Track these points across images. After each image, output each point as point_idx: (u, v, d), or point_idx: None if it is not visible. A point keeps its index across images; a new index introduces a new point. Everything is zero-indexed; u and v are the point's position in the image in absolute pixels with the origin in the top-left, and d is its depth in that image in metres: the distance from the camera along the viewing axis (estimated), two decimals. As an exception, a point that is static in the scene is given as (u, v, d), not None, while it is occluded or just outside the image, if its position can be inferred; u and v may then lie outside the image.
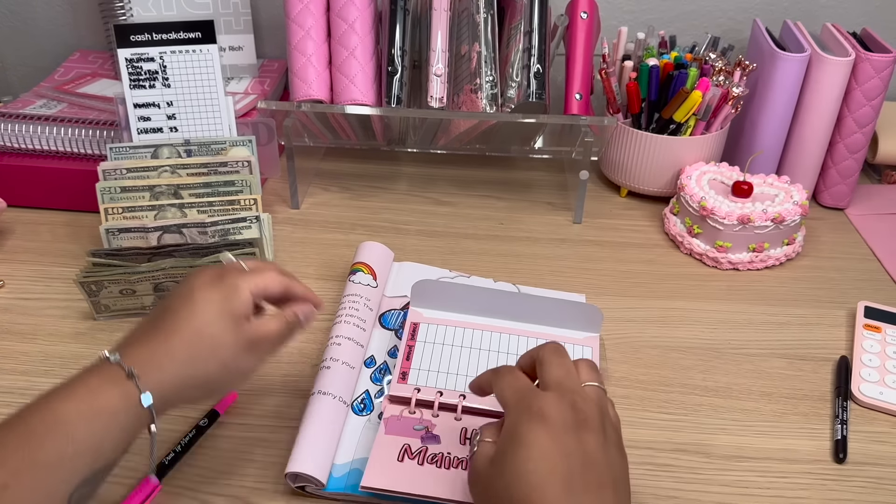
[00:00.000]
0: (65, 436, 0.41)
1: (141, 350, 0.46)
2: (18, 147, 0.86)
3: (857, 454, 0.60)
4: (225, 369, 0.48)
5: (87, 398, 0.43)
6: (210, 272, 0.50)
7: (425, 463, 0.55)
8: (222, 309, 0.48)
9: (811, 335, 0.73)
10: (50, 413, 0.42)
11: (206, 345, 0.47)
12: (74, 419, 0.42)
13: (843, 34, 0.88)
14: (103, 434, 0.42)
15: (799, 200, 0.81)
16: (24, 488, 0.39)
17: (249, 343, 0.49)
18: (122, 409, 0.43)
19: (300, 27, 0.83)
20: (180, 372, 0.46)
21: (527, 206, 0.92)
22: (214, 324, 0.47)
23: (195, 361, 0.46)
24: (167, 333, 0.46)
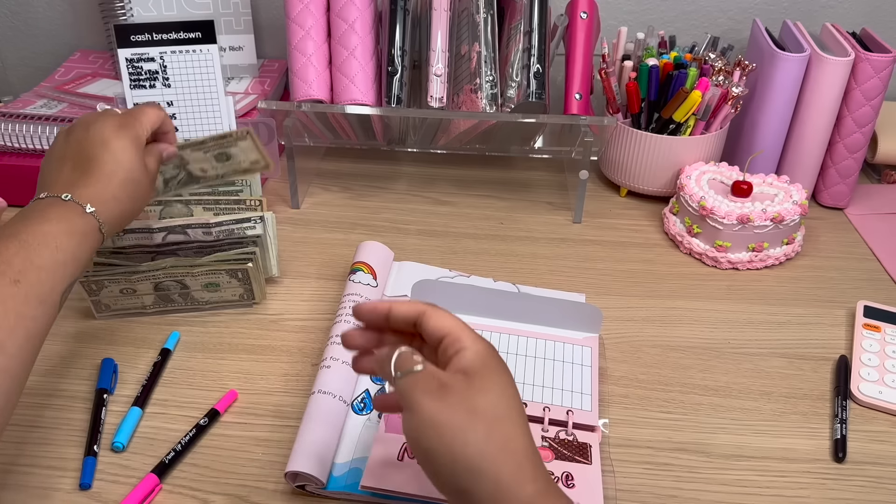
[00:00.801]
0: (55, 247, 0.51)
1: (88, 192, 0.55)
2: (19, 147, 0.86)
3: (857, 453, 0.60)
4: (145, 199, 0.61)
5: (63, 222, 0.53)
6: (110, 120, 0.59)
7: None
8: (136, 154, 0.59)
9: (811, 335, 0.73)
10: (38, 231, 0.51)
11: (136, 185, 0.58)
12: (59, 235, 0.52)
13: (842, 34, 0.88)
14: (81, 249, 0.53)
15: (798, 200, 0.81)
16: (32, 283, 0.49)
17: (152, 176, 0.61)
18: (89, 231, 0.54)
19: (300, 27, 0.83)
20: (122, 208, 0.57)
21: (527, 206, 0.92)
22: (137, 169, 0.58)
23: (131, 200, 0.58)
24: (106, 180, 0.56)
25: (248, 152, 0.66)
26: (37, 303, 0.49)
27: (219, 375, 0.66)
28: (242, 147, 0.66)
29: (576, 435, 0.59)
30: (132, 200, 0.59)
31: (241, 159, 0.67)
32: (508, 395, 0.44)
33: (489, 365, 0.44)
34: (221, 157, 0.67)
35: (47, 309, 0.50)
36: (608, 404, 0.64)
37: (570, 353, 0.66)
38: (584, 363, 0.65)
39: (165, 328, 0.70)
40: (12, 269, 0.48)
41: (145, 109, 0.62)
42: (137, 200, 0.59)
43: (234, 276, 0.70)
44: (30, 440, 0.59)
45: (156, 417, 0.62)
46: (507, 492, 0.40)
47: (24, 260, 0.49)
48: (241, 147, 0.66)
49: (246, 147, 0.66)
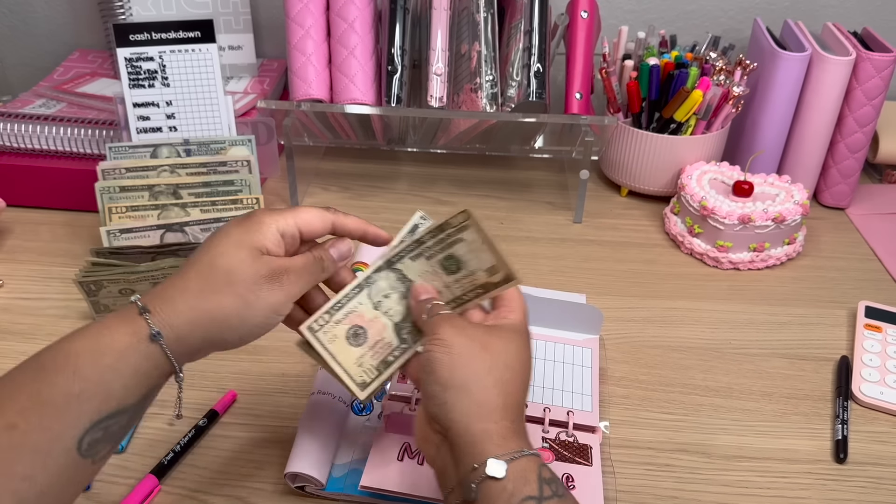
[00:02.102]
0: (73, 373, 0.40)
1: (157, 289, 0.44)
2: (18, 147, 0.86)
3: (858, 454, 0.60)
4: (242, 301, 0.44)
5: (96, 335, 0.41)
6: (243, 214, 0.47)
7: (425, 462, 0.55)
8: (240, 240, 0.45)
9: (812, 335, 0.73)
10: (61, 351, 0.41)
11: (219, 275, 0.44)
12: (82, 355, 0.40)
13: (843, 33, 0.88)
14: (111, 373, 0.41)
15: (800, 200, 0.81)
16: (32, 428, 0.38)
17: (270, 273, 0.45)
18: (130, 346, 0.41)
19: (300, 26, 0.83)
20: (192, 304, 0.43)
21: (527, 206, 0.92)
22: (229, 254, 0.44)
23: (207, 293, 0.43)
24: (183, 269, 0.45)
25: (477, 252, 0.48)
26: (33, 456, 0.37)
27: (218, 376, 0.66)
28: (469, 242, 0.48)
29: (576, 436, 0.59)
30: (206, 294, 0.43)
31: (473, 266, 0.48)
32: (524, 359, 0.47)
33: (520, 331, 0.48)
34: (450, 266, 0.49)
35: (52, 462, 0.38)
36: (609, 405, 0.64)
37: (570, 354, 0.66)
38: (584, 364, 0.65)
39: (164, 328, 0.70)
40: (14, 406, 0.38)
41: (298, 208, 0.48)
42: (222, 296, 0.43)
43: (234, 277, 0.70)
44: (28, 441, 0.59)
45: (155, 418, 0.62)
46: (485, 415, 0.43)
47: (31, 394, 0.39)
48: (467, 242, 0.48)
49: (472, 241, 0.48)
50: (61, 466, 0.39)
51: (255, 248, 0.45)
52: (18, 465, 0.37)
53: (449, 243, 0.48)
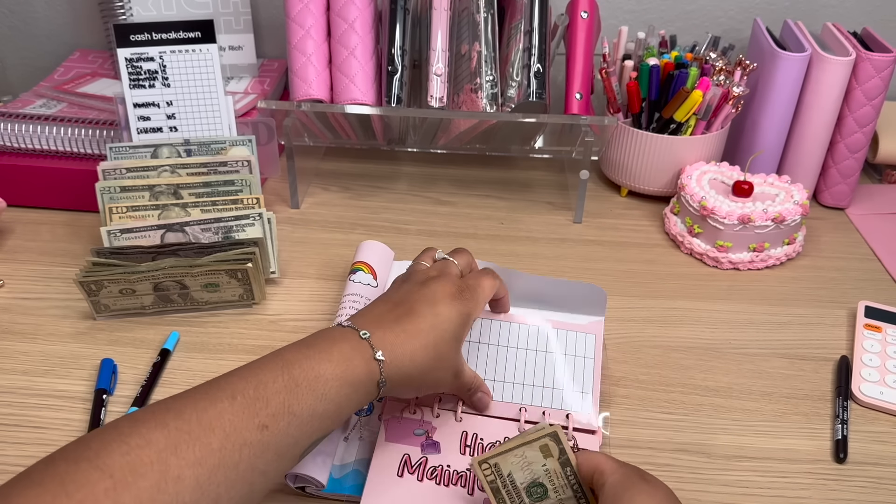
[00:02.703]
0: (321, 395, 0.45)
1: (387, 337, 0.49)
2: (18, 147, 0.86)
3: (858, 454, 0.60)
4: (436, 382, 0.53)
5: (342, 365, 0.47)
6: (452, 285, 0.54)
7: (425, 479, 0.55)
8: (457, 331, 0.52)
9: (812, 335, 0.73)
10: (311, 369, 0.46)
11: (438, 358, 0.51)
12: (331, 381, 0.46)
13: (843, 34, 0.88)
14: (347, 401, 0.47)
15: (799, 200, 0.81)
16: (279, 433, 0.43)
17: (458, 375, 0.55)
18: (364, 382, 0.48)
19: (300, 26, 0.83)
20: (413, 372, 0.50)
21: (527, 206, 0.92)
22: (449, 343, 0.52)
23: (428, 369, 0.51)
24: (412, 334, 0.50)
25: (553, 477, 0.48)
26: (274, 456, 0.43)
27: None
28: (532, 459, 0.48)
29: (576, 439, 0.59)
30: (427, 370, 0.51)
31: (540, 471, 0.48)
32: None
33: (621, 494, 0.44)
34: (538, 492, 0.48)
35: (282, 464, 0.44)
36: (609, 405, 0.64)
37: (572, 342, 0.64)
38: (586, 355, 0.64)
39: (165, 328, 0.70)
40: (267, 409, 0.43)
41: (483, 283, 0.56)
42: (431, 374, 0.52)
43: (234, 277, 0.70)
44: (29, 441, 0.59)
45: (155, 418, 0.62)
46: None
47: (283, 402, 0.43)
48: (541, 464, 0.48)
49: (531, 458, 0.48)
50: (284, 468, 0.45)
51: (460, 340, 0.54)
52: (261, 460, 0.42)
53: (513, 486, 0.48)
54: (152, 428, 0.40)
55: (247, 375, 0.45)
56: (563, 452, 0.46)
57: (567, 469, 0.46)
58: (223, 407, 0.42)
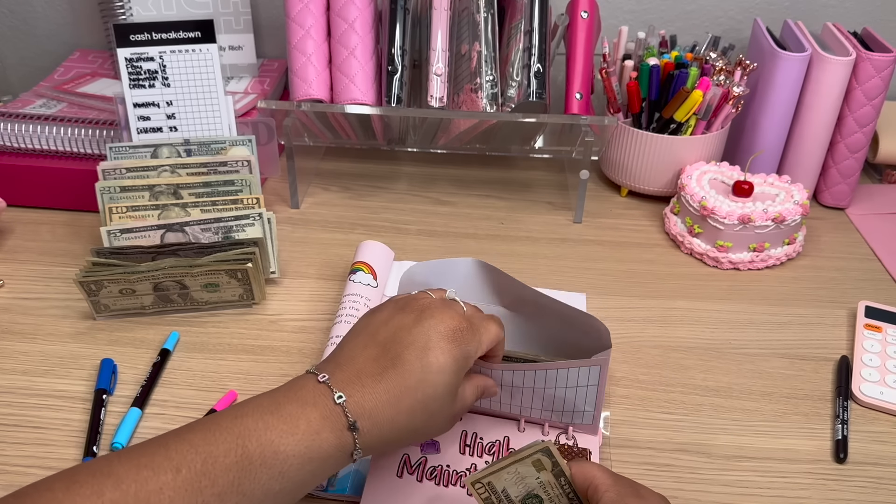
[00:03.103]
0: (279, 475, 0.41)
1: (366, 400, 0.44)
2: (18, 147, 0.86)
3: (858, 454, 0.60)
4: (422, 437, 0.49)
5: (307, 440, 0.42)
6: (447, 323, 0.47)
7: (424, 479, 0.55)
8: (451, 383, 0.46)
9: (812, 335, 0.73)
10: (269, 444, 0.41)
11: (426, 417, 0.46)
12: (291, 458, 0.41)
13: (843, 34, 0.88)
14: (311, 476, 0.42)
15: (799, 200, 0.81)
16: None
17: (455, 417, 0.49)
18: (333, 457, 0.43)
19: (300, 26, 0.83)
20: (392, 437, 0.45)
21: (527, 206, 0.92)
22: (441, 399, 0.45)
23: (413, 430, 0.46)
24: (396, 394, 0.44)
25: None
26: None
27: (218, 376, 0.66)
28: None
29: (576, 439, 0.59)
30: (410, 432, 0.46)
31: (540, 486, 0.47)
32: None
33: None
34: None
35: None
36: (609, 405, 0.64)
37: (574, 377, 0.59)
38: (589, 384, 0.59)
39: (165, 328, 0.70)
40: (213, 489, 0.39)
41: (489, 327, 0.50)
42: (415, 435, 0.47)
43: (234, 277, 0.70)
44: (29, 441, 0.59)
45: (155, 418, 0.62)
46: None
47: (232, 482, 0.39)
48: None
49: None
50: None
51: (456, 391, 0.47)
52: None
53: (509, 501, 0.46)
54: (87, 496, 0.37)
55: (198, 444, 0.40)
56: (556, 465, 0.46)
57: (561, 479, 0.46)
58: (165, 480, 0.38)
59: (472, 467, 0.55)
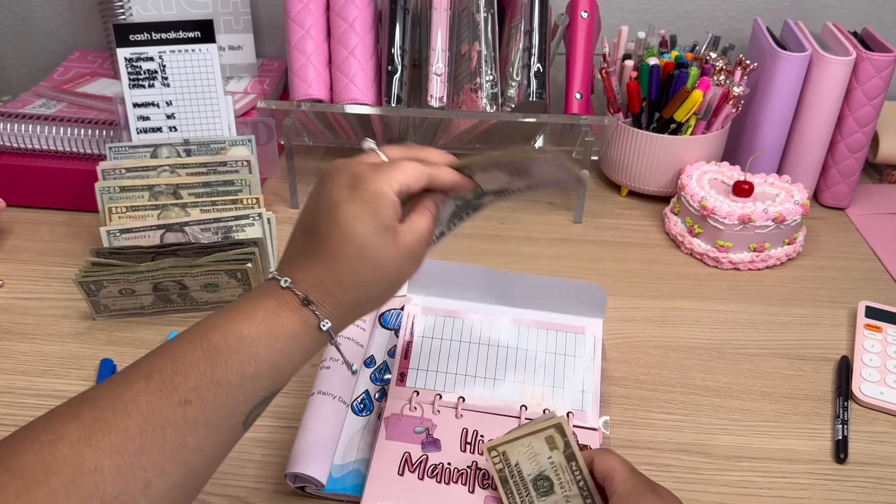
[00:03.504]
0: (248, 356, 0.41)
1: (308, 276, 0.44)
2: (18, 147, 0.86)
3: (858, 454, 0.60)
4: (391, 285, 0.46)
5: (267, 320, 0.42)
6: (346, 175, 0.45)
7: (425, 477, 0.55)
8: (375, 225, 0.44)
9: (812, 335, 0.73)
10: (232, 332, 0.42)
11: (370, 266, 0.44)
12: (256, 340, 0.42)
13: (843, 33, 0.88)
14: (283, 356, 0.43)
15: (800, 200, 0.81)
16: (206, 404, 0.40)
17: (409, 251, 0.45)
18: (301, 332, 0.43)
19: (300, 26, 0.83)
20: (351, 297, 0.44)
21: (527, 206, 0.92)
22: (373, 244, 0.44)
23: (364, 286, 0.45)
24: (330, 259, 0.44)
25: (536, 450, 0.50)
26: (205, 431, 0.40)
27: (218, 376, 0.66)
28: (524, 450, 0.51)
29: (577, 436, 0.59)
30: (366, 286, 0.45)
31: (544, 463, 0.51)
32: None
33: (638, 500, 0.45)
34: (543, 486, 0.50)
35: (220, 437, 0.41)
36: (609, 405, 0.64)
37: (571, 343, 0.65)
38: (586, 355, 0.64)
39: (164, 329, 0.70)
40: (187, 384, 0.39)
41: (399, 164, 0.47)
42: (376, 285, 0.45)
43: (234, 277, 0.70)
44: (28, 441, 0.59)
45: (155, 418, 0.61)
46: None
47: (204, 373, 0.40)
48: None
49: (524, 450, 0.50)
50: (227, 440, 0.41)
51: (389, 228, 0.44)
52: (191, 437, 0.39)
53: (520, 477, 0.48)
54: (66, 421, 0.38)
55: (164, 351, 0.41)
56: (568, 446, 0.46)
57: (573, 464, 0.46)
58: (139, 388, 0.39)
59: (472, 465, 0.55)
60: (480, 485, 0.54)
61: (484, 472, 0.55)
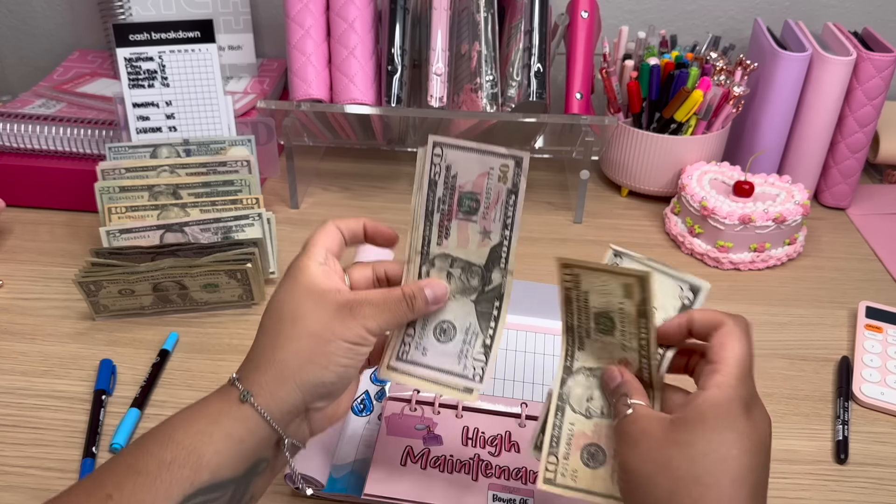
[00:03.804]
0: (166, 438, 0.39)
1: (247, 357, 0.44)
2: (17, 147, 0.85)
3: (859, 455, 0.60)
4: (317, 340, 0.42)
5: (194, 405, 0.42)
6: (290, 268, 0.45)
7: (428, 466, 0.55)
8: (289, 283, 0.43)
9: (812, 335, 0.72)
10: (162, 423, 0.41)
11: (287, 322, 0.42)
12: (176, 423, 0.40)
13: (844, 33, 0.88)
14: (202, 438, 0.40)
15: (800, 200, 0.81)
16: (125, 497, 0.38)
17: (338, 308, 0.42)
18: (222, 410, 0.41)
19: (300, 26, 0.83)
20: (270, 357, 0.42)
21: (527, 206, 0.90)
22: (285, 299, 0.43)
23: (278, 347, 0.42)
24: (259, 332, 0.44)
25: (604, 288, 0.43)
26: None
27: (218, 376, 0.66)
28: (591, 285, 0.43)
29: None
30: (286, 341, 0.42)
31: (616, 304, 0.43)
32: (720, 455, 0.36)
33: (710, 416, 0.38)
34: (606, 325, 0.44)
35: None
36: (609, 405, 0.64)
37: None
38: None
39: (164, 329, 0.70)
40: (113, 478, 0.39)
41: (318, 231, 0.46)
42: (297, 340, 0.42)
43: (233, 277, 0.70)
44: (28, 441, 0.59)
45: (154, 419, 0.61)
46: None
47: (128, 462, 0.39)
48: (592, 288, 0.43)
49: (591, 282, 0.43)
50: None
51: (311, 290, 0.43)
52: None
53: (585, 304, 0.43)
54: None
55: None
56: (644, 302, 0.41)
57: (642, 321, 0.42)
58: (75, 488, 0.40)
59: (475, 457, 0.56)
60: (484, 474, 0.54)
61: (487, 463, 0.55)
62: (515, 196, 0.44)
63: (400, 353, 0.46)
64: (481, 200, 0.44)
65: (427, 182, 0.44)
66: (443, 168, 0.44)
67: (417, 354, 0.46)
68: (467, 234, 0.45)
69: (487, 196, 0.44)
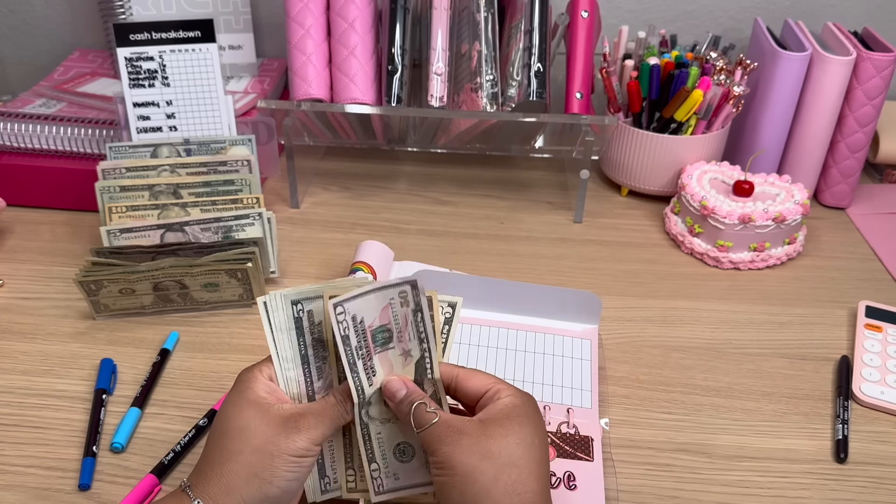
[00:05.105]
0: None
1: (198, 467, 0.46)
2: (18, 146, 0.86)
3: (858, 454, 0.60)
4: (261, 454, 0.44)
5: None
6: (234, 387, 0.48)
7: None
8: (235, 398, 0.46)
9: (812, 335, 0.73)
10: None
11: (233, 437, 0.45)
12: None
13: (844, 33, 0.88)
14: None
15: (800, 200, 0.81)
16: None
17: (282, 422, 0.45)
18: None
19: (300, 26, 0.83)
20: (218, 470, 0.45)
21: (527, 206, 0.92)
22: (230, 414, 0.46)
23: (225, 463, 0.45)
24: (206, 444, 0.46)
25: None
26: None
27: (218, 376, 0.66)
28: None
29: (577, 427, 0.59)
30: (229, 456, 0.45)
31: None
32: (527, 443, 0.45)
33: (513, 415, 0.46)
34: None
35: None
36: (609, 405, 0.64)
37: (569, 346, 0.66)
38: (583, 357, 0.65)
39: (164, 328, 0.70)
40: None
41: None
42: (239, 455, 0.44)
43: (234, 276, 0.70)
44: (29, 440, 0.59)
45: (155, 418, 0.62)
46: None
47: None
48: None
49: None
50: None
51: (256, 405, 0.46)
52: None
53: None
54: None
55: None
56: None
57: (418, 316, 0.46)
58: None
59: None
60: None
61: None
62: (421, 313, 0.47)
63: (377, 487, 0.49)
64: (392, 329, 0.47)
65: (340, 341, 0.45)
66: (349, 321, 0.45)
67: (391, 482, 0.49)
68: (389, 360, 0.47)
69: (396, 322, 0.47)
